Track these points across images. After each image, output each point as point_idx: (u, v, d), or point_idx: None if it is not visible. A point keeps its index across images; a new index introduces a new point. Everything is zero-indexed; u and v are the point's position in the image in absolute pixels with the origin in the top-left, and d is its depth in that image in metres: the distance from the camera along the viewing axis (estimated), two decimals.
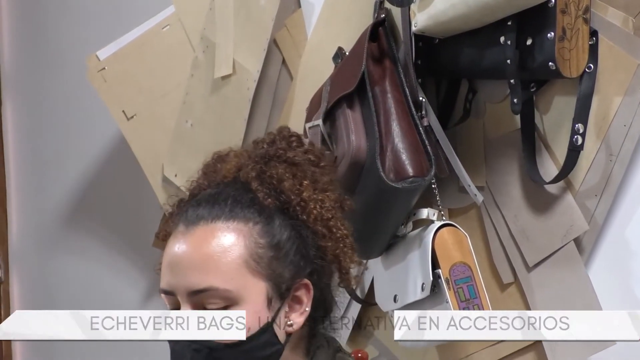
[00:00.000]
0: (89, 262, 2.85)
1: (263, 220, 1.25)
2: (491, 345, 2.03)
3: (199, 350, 1.23)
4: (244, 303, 1.23)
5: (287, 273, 1.25)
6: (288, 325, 1.27)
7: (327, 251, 1.28)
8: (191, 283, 1.23)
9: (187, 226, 1.24)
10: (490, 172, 1.98)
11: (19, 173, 2.94)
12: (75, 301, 2.90)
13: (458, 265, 1.81)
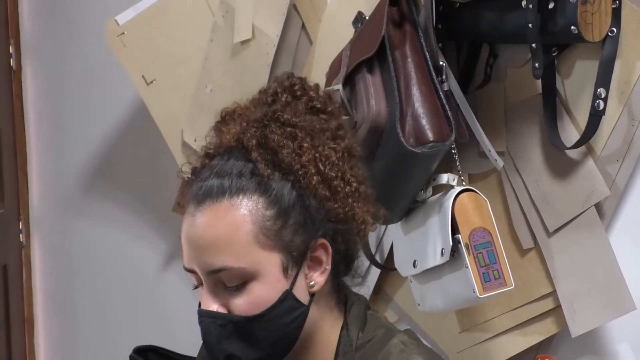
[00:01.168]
0: (109, 226, 2.87)
1: (267, 191, 1.24)
2: (511, 310, 2.03)
3: (224, 326, 1.25)
4: (260, 277, 1.24)
5: (299, 239, 1.25)
6: (310, 286, 1.27)
7: (336, 211, 1.27)
8: (206, 264, 1.25)
9: (195, 206, 1.25)
10: (510, 137, 1.97)
11: (39, 138, 2.95)
12: (96, 265, 2.92)
13: (478, 231, 1.81)
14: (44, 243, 2.98)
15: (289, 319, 1.25)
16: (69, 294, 2.97)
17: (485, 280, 1.79)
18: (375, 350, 1.30)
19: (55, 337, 3.01)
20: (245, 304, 1.24)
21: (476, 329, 2.09)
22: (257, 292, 1.24)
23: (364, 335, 1.32)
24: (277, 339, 1.26)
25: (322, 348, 1.31)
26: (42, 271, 2.99)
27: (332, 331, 1.31)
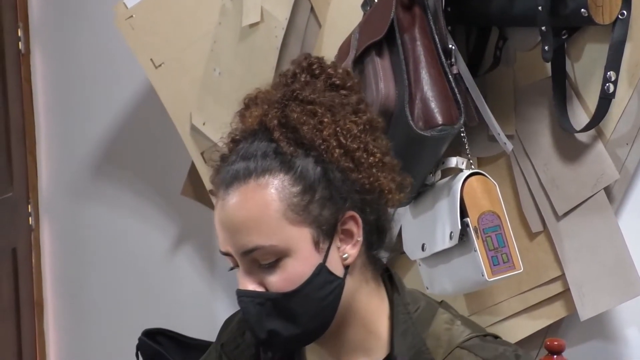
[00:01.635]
0: (118, 209, 2.87)
1: (291, 168, 1.26)
2: (520, 293, 2.03)
3: (262, 304, 1.27)
4: (292, 253, 1.25)
5: (327, 213, 1.26)
6: (343, 258, 1.28)
7: (361, 181, 1.28)
8: (239, 245, 1.26)
9: (224, 190, 1.27)
10: (520, 120, 1.97)
11: (48, 122, 2.96)
12: (105, 248, 2.93)
13: (487, 214, 1.81)
14: (53, 226, 2.99)
15: (325, 293, 1.26)
16: (78, 277, 2.98)
17: (494, 263, 1.79)
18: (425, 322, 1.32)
19: (64, 320, 3.02)
20: (280, 281, 1.25)
21: (485, 312, 2.10)
22: (290, 268, 1.25)
23: (411, 306, 1.33)
24: (315, 312, 1.27)
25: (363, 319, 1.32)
26: (51, 254, 3.00)
27: (370, 302, 1.32)
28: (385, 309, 1.34)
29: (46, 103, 2.95)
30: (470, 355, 1.28)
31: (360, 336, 1.33)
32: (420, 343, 1.29)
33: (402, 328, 1.31)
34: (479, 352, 1.28)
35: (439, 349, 1.30)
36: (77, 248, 2.97)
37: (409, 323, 1.32)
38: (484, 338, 1.32)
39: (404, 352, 1.29)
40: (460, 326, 1.32)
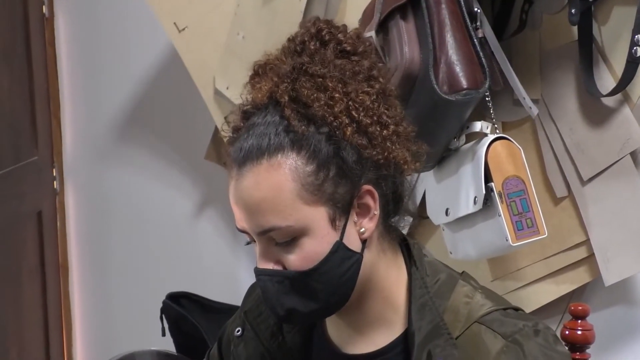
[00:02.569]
0: (142, 173, 2.88)
1: (304, 147, 1.24)
2: (544, 258, 2.03)
3: (281, 282, 1.27)
4: (309, 232, 1.24)
5: (342, 190, 1.25)
6: (360, 233, 1.27)
7: (376, 157, 1.27)
8: (255, 226, 1.26)
9: (237, 169, 1.26)
10: (545, 84, 1.95)
11: (72, 85, 2.96)
12: (129, 212, 2.94)
13: (511, 179, 1.80)
14: (78, 190, 3.00)
15: (344, 269, 1.26)
16: (103, 240, 3.00)
17: (518, 228, 1.79)
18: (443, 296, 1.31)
19: (89, 282, 3.04)
20: (298, 260, 1.25)
21: (508, 277, 2.09)
22: (308, 247, 1.25)
23: (430, 278, 1.33)
24: (334, 289, 1.27)
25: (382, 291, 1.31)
26: (76, 218, 3.01)
27: (389, 273, 1.32)
28: (404, 280, 1.33)
29: (70, 67, 2.96)
30: (488, 330, 1.27)
31: (380, 308, 1.32)
32: (437, 318, 1.28)
33: (419, 302, 1.30)
34: (497, 327, 1.27)
35: (457, 323, 1.29)
36: (102, 211, 2.98)
37: (427, 297, 1.30)
38: (504, 312, 1.30)
39: (421, 327, 1.28)
40: (480, 299, 1.31)
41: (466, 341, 1.27)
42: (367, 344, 1.33)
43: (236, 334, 1.42)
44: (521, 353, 1.24)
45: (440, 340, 1.27)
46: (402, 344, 1.31)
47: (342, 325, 1.35)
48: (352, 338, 1.35)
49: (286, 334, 1.39)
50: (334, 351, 1.36)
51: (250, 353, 1.40)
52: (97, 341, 3.06)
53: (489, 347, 1.25)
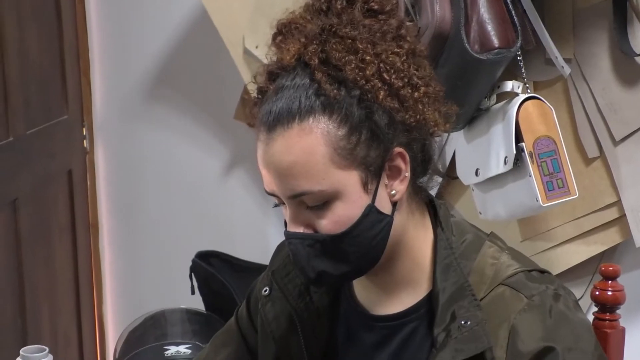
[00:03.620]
0: (172, 132, 2.88)
1: (336, 111, 1.22)
2: (574, 219, 2.02)
3: (312, 245, 1.26)
4: (341, 196, 1.24)
5: (374, 153, 1.24)
6: (391, 195, 1.27)
7: (407, 120, 1.26)
8: (286, 190, 1.25)
9: (267, 133, 1.25)
10: (578, 43, 1.93)
11: (102, 44, 2.96)
12: (159, 171, 2.95)
13: (542, 139, 1.79)
14: (108, 149, 3.01)
15: (375, 232, 1.25)
16: (133, 199, 3.01)
17: (548, 189, 1.78)
18: (469, 257, 1.31)
19: (119, 241, 3.06)
20: (330, 224, 1.25)
21: (538, 238, 2.09)
22: (340, 211, 1.24)
23: (456, 238, 1.32)
24: (365, 251, 1.26)
25: (411, 251, 1.31)
26: (106, 177, 3.03)
27: (417, 233, 1.31)
28: (430, 241, 1.33)
29: (100, 25, 2.95)
30: (512, 292, 1.26)
31: (407, 269, 1.32)
32: (462, 279, 1.28)
33: (444, 263, 1.29)
34: (520, 288, 1.27)
35: (482, 285, 1.28)
36: (131, 170, 2.99)
37: (452, 258, 1.30)
38: (529, 274, 1.29)
39: (445, 288, 1.28)
40: (506, 260, 1.30)
41: (490, 302, 1.26)
42: (393, 304, 1.33)
43: (264, 293, 1.43)
44: (542, 311, 1.24)
45: (465, 301, 1.26)
46: (427, 305, 1.30)
47: (370, 286, 1.35)
48: (379, 298, 1.35)
49: (313, 294, 1.39)
50: (361, 311, 1.36)
51: (278, 312, 1.40)
52: (127, 299, 3.08)
53: (511, 307, 1.25)
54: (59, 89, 2.80)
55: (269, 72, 1.29)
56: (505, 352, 1.23)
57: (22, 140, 2.56)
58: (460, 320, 1.24)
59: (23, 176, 2.58)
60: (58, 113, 2.80)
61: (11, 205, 2.51)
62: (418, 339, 1.30)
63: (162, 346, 2.59)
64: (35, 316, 2.62)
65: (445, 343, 1.24)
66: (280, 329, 1.39)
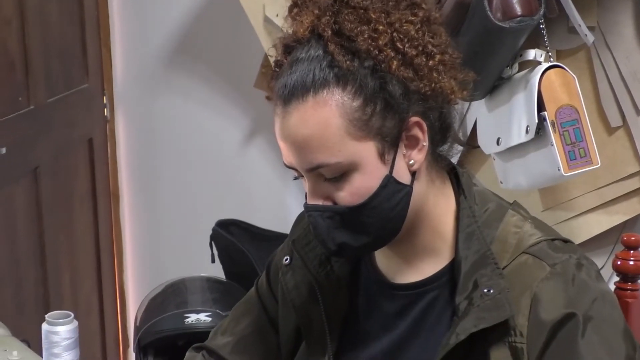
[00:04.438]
0: (192, 101, 2.88)
1: (350, 82, 1.22)
2: (596, 189, 2.01)
3: (331, 217, 1.27)
4: (358, 167, 1.23)
5: (389, 124, 1.23)
6: (410, 165, 1.26)
7: (423, 89, 1.25)
8: (303, 163, 1.25)
9: (283, 106, 1.25)
10: (602, 11, 1.91)
11: (122, 13, 2.96)
12: (179, 139, 2.95)
13: (565, 108, 1.77)
14: (128, 118, 3.02)
15: (394, 202, 1.25)
16: (153, 167, 3.02)
17: (570, 158, 1.77)
18: (492, 225, 1.30)
19: (139, 209, 3.07)
20: (348, 195, 1.24)
21: (559, 207, 2.08)
22: (357, 182, 1.24)
23: (479, 207, 1.32)
24: (385, 222, 1.26)
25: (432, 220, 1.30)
26: (126, 145, 3.03)
27: (438, 202, 1.31)
28: (452, 210, 1.32)
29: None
30: (535, 260, 1.26)
31: (428, 238, 1.32)
32: (484, 247, 1.28)
33: (466, 232, 1.29)
34: (543, 257, 1.26)
35: (504, 253, 1.27)
36: (152, 139, 3.00)
37: (474, 227, 1.29)
38: (552, 243, 1.28)
39: (467, 257, 1.27)
40: (529, 229, 1.29)
41: (513, 271, 1.26)
42: (415, 273, 1.33)
43: (284, 262, 1.43)
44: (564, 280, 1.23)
45: (487, 269, 1.26)
46: (449, 274, 1.30)
47: (391, 255, 1.35)
48: (400, 267, 1.34)
49: (334, 263, 1.39)
50: (382, 280, 1.36)
51: (298, 281, 1.41)
52: (148, 267, 3.10)
53: (534, 275, 1.24)
54: (79, 57, 2.80)
55: (284, 45, 1.28)
56: (527, 320, 1.22)
57: (43, 108, 2.57)
58: (483, 289, 1.24)
59: (44, 144, 2.59)
60: (78, 82, 2.80)
61: (32, 173, 2.53)
62: (439, 308, 1.30)
63: (183, 314, 2.61)
64: (57, 284, 2.64)
65: (467, 311, 1.23)
66: (301, 298, 1.39)
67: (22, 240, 2.47)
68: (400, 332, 1.32)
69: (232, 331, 1.48)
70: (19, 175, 2.47)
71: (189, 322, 2.58)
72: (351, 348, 1.36)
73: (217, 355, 1.47)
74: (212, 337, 1.51)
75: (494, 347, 1.23)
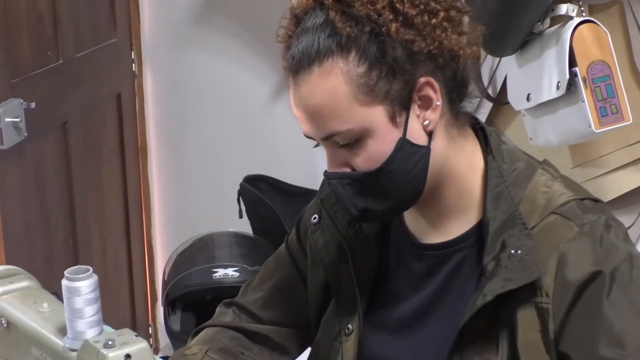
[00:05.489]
0: (219, 56, 2.88)
1: (352, 49, 1.21)
2: (627, 145, 1.99)
3: (351, 184, 1.27)
4: (370, 133, 1.23)
5: (398, 86, 1.22)
6: (424, 125, 1.25)
7: (427, 49, 1.23)
8: (317, 132, 1.26)
9: (293, 78, 1.25)
10: None
11: None
12: (206, 94, 2.95)
13: (596, 64, 1.76)
14: (156, 73, 3.01)
15: (412, 164, 1.24)
16: (181, 123, 3.02)
17: (602, 114, 1.75)
18: (521, 185, 1.29)
19: (167, 165, 3.08)
20: (364, 161, 1.24)
21: (590, 164, 2.06)
22: (371, 147, 1.24)
23: (507, 166, 1.31)
24: (405, 184, 1.26)
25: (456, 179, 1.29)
26: (154, 100, 3.03)
27: (461, 161, 1.30)
28: (480, 169, 1.31)
29: None
30: (563, 220, 1.24)
31: (454, 197, 1.31)
32: (513, 207, 1.26)
33: (494, 192, 1.28)
34: (571, 217, 1.25)
35: (533, 213, 1.26)
36: (179, 94, 3.00)
37: (502, 186, 1.28)
38: (581, 202, 1.27)
39: (495, 217, 1.26)
40: (559, 189, 1.28)
41: (541, 231, 1.25)
42: (443, 233, 1.32)
43: (313, 221, 1.43)
44: (592, 240, 1.22)
45: (515, 230, 1.25)
46: (477, 234, 1.29)
47: (419, 216, 1.35)
48: (428, 228, 1.34)
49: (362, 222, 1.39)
50: (411, 240, 1.36)
51: (328, 240, 1.41)
52: (176, 222, 3.11)
53: (562, 235, 1.23)
54: (107, 12, 2.80)
55: (294, 16, 1.28)
56: (554, 280, 1.22)
57: (72, 63, 2.57)
58: (511, 249, 1.23)
59: (72, 99, 2.60)
60: (107, 37, 2.80)
61: (61, 128, 2.53)
62: (467, 268, 1.29)
63: (210, 269, 2.62)
64: (86, 237, 2.66)
65: (494, 272, 1.23)
66: (330, 257, 1.40)
67: (52, 194, 2.49)
68: (429, 292, 1.32)
69: (262, 287, 1.49)
70: (48, 130, 2.48)
71: (217, 277, 2.60)
72: (381, 308, 1.36)
73: (247, 311, 1.48)
74: (242, 293, 1.51)
75: (520, 308, 1.22)
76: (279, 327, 1.47)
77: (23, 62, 2.33)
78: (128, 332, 1.04)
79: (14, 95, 2.24)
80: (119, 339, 1.02)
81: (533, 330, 1.22)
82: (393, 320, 1.35)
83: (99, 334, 1.04)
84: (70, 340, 1.05)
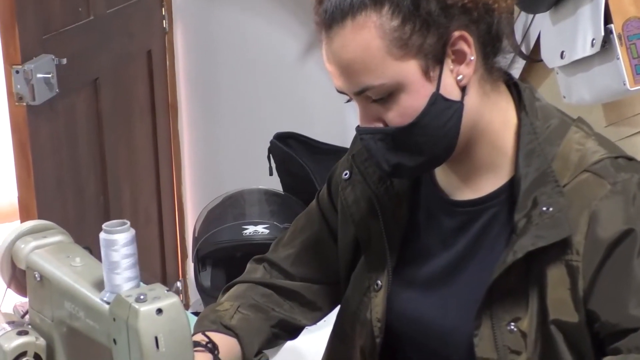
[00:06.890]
0: (250, 12, 2.87)
1: (386, 2, 1.20)
2: None
3: (383, 139, 1.26)
4: (403, 87, 1.22)
5: (431, 40, 1.21)
6: (458, 80, 1.24)
7: (462, 1, 1.22)
8: (349, 87, 1.25)
9: (325, 32, 1.25)
10: None
11: None
12: (238, 51, 2.95)
13: (632, 20, 1.73)
14: (186, 29, 3.01)
15: (445, 119, 1.24)
16: (211, 80, 3.02)
17: (637, 72, 1.74)
18: (554, 142, 1.28)
19: (198, 122, 3.09)
20: (397, 116, 1.24)
21: (623, 123, 2.04)
22: (404, 102, 1.23)
23: (541, 123, 1.29)
24: (437, 140, 1.25)
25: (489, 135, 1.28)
26: (185, 57, 3.03)
27: (494, 117, 1.29)
28: (513, 125, 1.30)
29: None
30: (596, 178, 1.23)
31: (487, 154, 1.30)
32: (545, 165, 1.25)
33: (527, 148, 1.27)
34: (604, 175, 1.24)
35: (566, 171, 1.25)
36: (210, 51, 3.00)
37: (535, 143, 1.27)
38: (615, 160, 1.26)
39: (527, 174, 1.25)
40: (592, 146, 1.26)
41: (573, 189, 1.24)
42: (474, 190, 1.32)
43: (344, 177, 1.43)
44: (625, 199, 1.21)
45: (547, 187, 1.24)
46: (508, 191, 1.29)
47: (450, 172, 1.34)
48: (460, 184, 1.33)
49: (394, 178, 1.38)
50: (442, 197, 1.35)
51: (358, 196, 1.41)
52: (206, 180, 3.12)
53: (594, 193, 1.22)
54: None
55: None
56: (585, 238, 1.21)
57: (103, 19, 2.57)
58: (542, 207, 1.22)
59: (104, 56, 2.60)
60: None
61: (92, 84, 2.54)
62: (498, 225, 1.29)
63: (241, 225, 2.63)
64: (117, 194, 2.68)
65: (525, 229, 1.22)
66: (360, 213, 1.40)
67: (83, 150, 2.50)
68: (459, 248, 1.32)
69: (293, 244, 1.49)
70: (80, 86, 2.48)
71: (247, 233, 2.61)
72: (411, 264, 1.36)
73: (278, 268, 1.48)
74: (273, 249, 1.51)
75: (550, 265, 1.22)
76: (310, 283, 1.47)
77: (54, 18, 2.33)
78: (159, 286, 1.04)
79: (45, 52, 2.25)
80: (150, 294, 1.02)
81: (562, 287, 1.22)
82: (422, 276, 1.35)
83: (134, 288, 1.05)
84: (108, 294, 1.06)
